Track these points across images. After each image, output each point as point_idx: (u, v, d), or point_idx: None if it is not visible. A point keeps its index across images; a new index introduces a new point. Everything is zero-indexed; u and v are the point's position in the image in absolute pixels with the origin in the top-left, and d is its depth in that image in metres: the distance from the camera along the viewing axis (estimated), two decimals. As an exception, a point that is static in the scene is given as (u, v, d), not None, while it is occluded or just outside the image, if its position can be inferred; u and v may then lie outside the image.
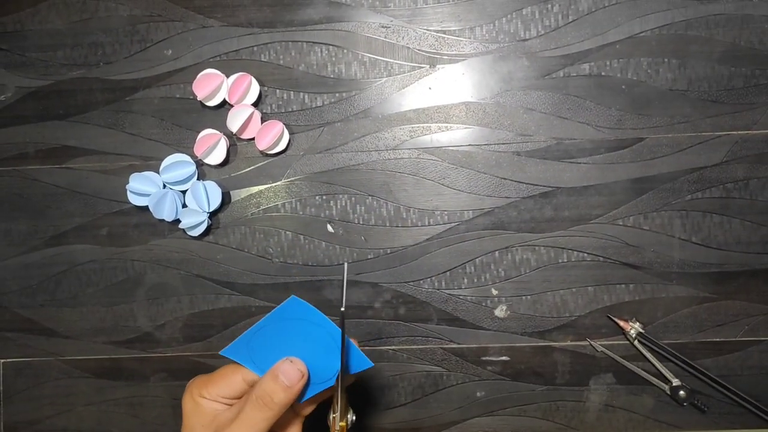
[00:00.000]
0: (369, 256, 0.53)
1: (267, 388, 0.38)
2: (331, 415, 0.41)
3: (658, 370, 0.52)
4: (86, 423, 0.55)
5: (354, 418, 0.42)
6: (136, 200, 0.52)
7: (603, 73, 0.52)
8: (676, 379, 0.51)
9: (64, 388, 0.55)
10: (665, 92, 0.51)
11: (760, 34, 0.51)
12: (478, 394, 0.53)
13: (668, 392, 0.52)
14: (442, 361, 0.53)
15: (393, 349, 0.54)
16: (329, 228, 0.53)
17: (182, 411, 0.41)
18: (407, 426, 0.54)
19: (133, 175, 0.52)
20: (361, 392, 0.54)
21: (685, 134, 0.51)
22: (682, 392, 0.51)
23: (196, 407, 0.40)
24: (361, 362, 0.40)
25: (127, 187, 0.52)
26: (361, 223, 0.53)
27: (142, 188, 0.52)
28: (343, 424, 0.40)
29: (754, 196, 0.51)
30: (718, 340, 0.52)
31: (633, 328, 0.51)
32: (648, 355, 0.51)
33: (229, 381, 0.40)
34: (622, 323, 0.51)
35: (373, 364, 0.40)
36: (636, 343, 0.51)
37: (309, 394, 0.41)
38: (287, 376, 0.38)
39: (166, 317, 0.54)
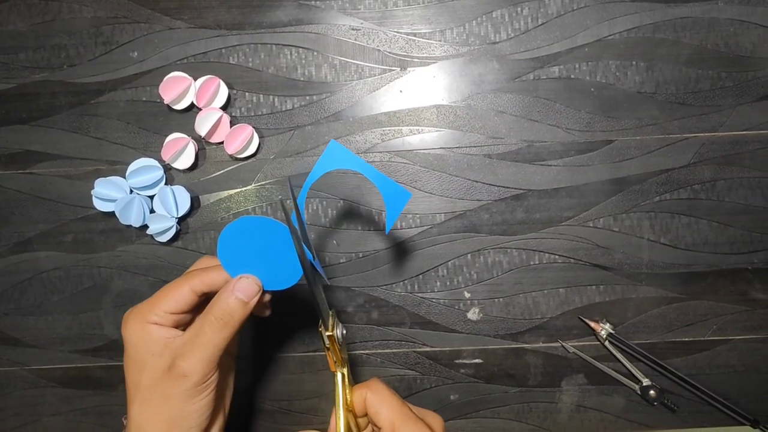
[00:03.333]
0: (341, 260, 0.53)
1: (225, 307, 0.37)
2: (324, 333, 0.39)
3: (628, 370, 0.52)
4: (53, 434, 0.54)
5: (344, 332, 0.40)
6: (101, 206, 0.51)
7: (572, 76, 0.52)
8: (647, 379, 0.52)
9: (30, 398, 0.54)
10: (633, 95, 0.52)
11: (726, 37, 0.52)
12: (452, 397, 0.53)
13: (639, 392, 0.52)
14: (416, 364, 0.53)
15: (366, 354, 0.53)
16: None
17: (124, 343, 0.39)
18: None
19: (98, 180, 0.51)
20: (334, 397, 0.53)
21: (653, 136, 0.52)
22: (652, 392, 0.52)
23: (143, 335, 0.38)
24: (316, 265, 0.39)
25: (93, 192, 0.51)
26: (332, 227, 0.53)
27: (108, 193, 0.51)
28: (330, 333, 0.38)
29: (720, 197, 0.52)
30: (686, 339, 0.53)
31: (603, 329, 0.51)
32: (618, 355, 0.52)
33: (176, 295, 0.38)
34: (592, 324, 0.52)
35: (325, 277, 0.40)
36: (607, 343, 0.52)
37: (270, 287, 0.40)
38: (244, 291, 0.38)
39: (134, 325, 0.53)
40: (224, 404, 0.43)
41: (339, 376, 0.39)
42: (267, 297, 0.42)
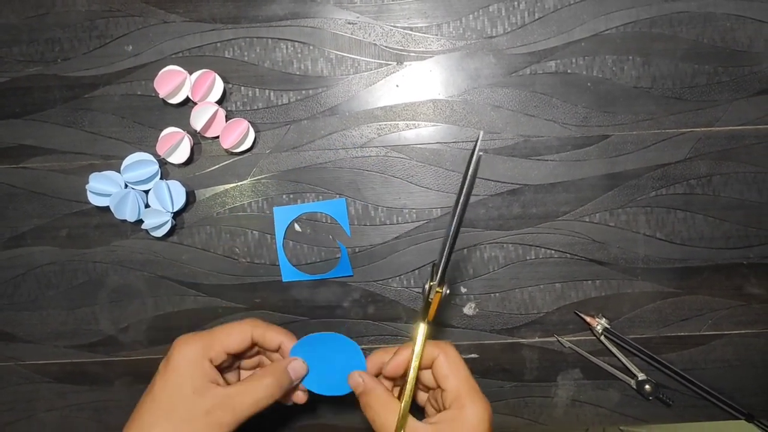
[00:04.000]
0: (337, 255, 0.53)
1: (277, 379, 0.41)
2: (428, 284, 0.41)
3: (624, 364, 0.52)
4: (48, 429, 0.54)
5: (448, 292, 0.43)
6: (96, 200, 0.51)
7: (569, 71, 0.52)
8: (642, 374, 0.52)
9: (25, 393, 0.54)
10: (630, 90, 0.52)
11: (722, 32, 0.52)
12: (448, 391, 0.53)
13: (634, 386, 0.52)
14: (412, 359, 0.53)
15: (362, 349, 0.53)
16: (296, 227, 0.53)
17: (170, 364, 0.40)
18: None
19: (93, 174, 0.51)
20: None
21: (649, 131, 0.52)
22: (647, 386, 0.52)
23: (196, 367, 0.40)
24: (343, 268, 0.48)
25: (87, 187, 0.51)
26: (328, 221, 0.53)
27: (102, 188, 0.50)
28: (440, 290, 0.41)
29: (716, 192, 0.52)
30: (682, 334, 0.53)
31: (599, 323, 0.52)
32: (614, 350, 0.52)
33: (239, 337, 0.42)
34: (588, 319, 0.52)
35: (352, 273, 0.49)
36: (602, 338, 0.52)
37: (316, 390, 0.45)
38: (296, 371, 0.43)
39: (129, 320, 0.53)
40: None
41: (423, 328, 0.41)
42: (304, 397, 0.45)
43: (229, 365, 0.44)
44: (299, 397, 0.45)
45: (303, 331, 0.53)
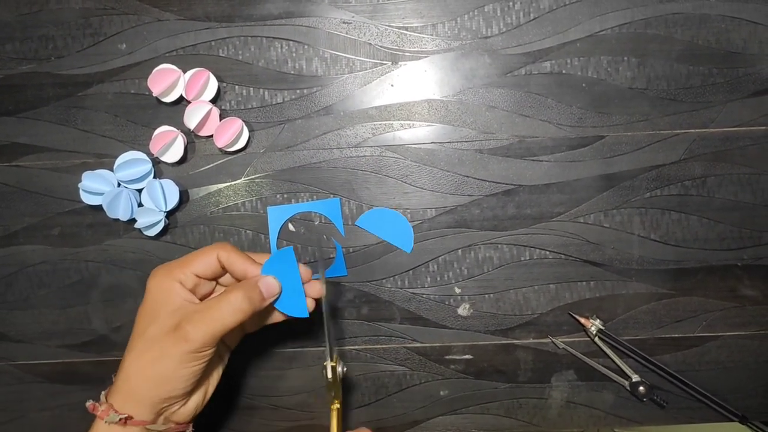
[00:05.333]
0: (331, 255, 0.53)
1: (246, 294, 0.40)
2: (324, 363, 0.44)
3: (618, 366, 0.52)
4: (40, 429, 0.54)
5: (345, 369, 0.45)
6: (89, 199, 0.51)
7: (564, 71, 0.52)
8: (636, 375, 0.52)
9: (17, 393, 0.54)
10: (625, 90, 0.52)
11: (717, 33, 0.52)
12: (442, 392, 0.53)
13: (628, 388, 0.52)
14: (406, 360, 0.53)
15: (356, 349, 0.53)
16: (290, 227, 0.53)
17: (145, 294, 0.42)
18: (371, 426, 0.54)
19: (86, 173, 0.50)
20: (324, 393, 0.53)
21: (644, 132, 0.52)
22: (641, 388, 0.52)
23: (166, 290, 0.41)
24: (338, 268, 0.47)
25: (80, 185, 0.50)
26: (323, 221, 0.53)
27: (95, 187, 0.50)
28: (333, 363, 0.43)
29: (711, 194, 0.52)
30: (676, 335, 0.53)
31: (593, 324, 0.51)
32: (608, 351, 0.52)
33: (205, 259, 0.42)
34: (582, 320, 0.52)
35: (347, 273, 0.50)
36: (596, 339, 0.52)
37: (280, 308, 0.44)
38: (268, 289, 0.42)
39: (122, 319, 0.53)
40: (208, 385, 0.45)
41: (334, 411, 0.45)
42: (279, 317, 0.45)
43: (208, 291, 0.44)
44: (276, 317, 0.45)
45: (297, 329, 0.53)
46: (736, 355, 0.53)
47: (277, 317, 0.45)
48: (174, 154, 0.51)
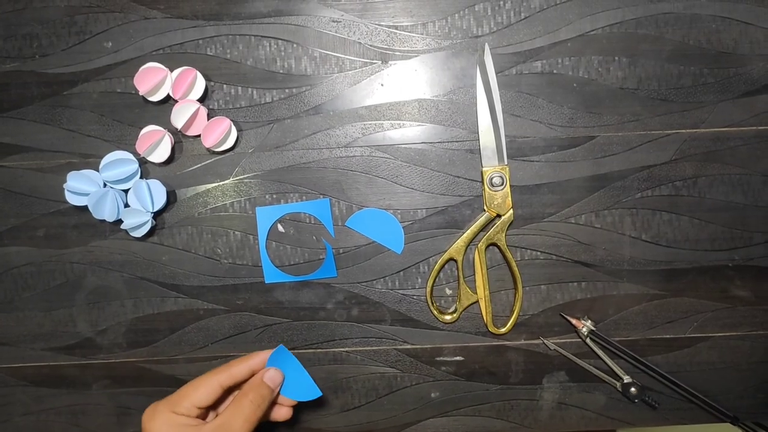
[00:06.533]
0: (321, 257, 0.52)
1: (260, 391, 0.43)
2: None
3: (609, 367, 0.52)
4: (24, 434, 0.53)
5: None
6: (74, 200, 0.50)
7: (555, 71, 0.51)
8: (627, 376, 0.52)
9: (0, 397, 0.53)
10: (615, 90, 0.51)
11: (708, 33, 0.51)
12: (433, 395, 0.53)
13: (620, 389, 0.52)
14: (396, 362, 0.53)
15: (346, 351, 0.53)
16: (279, 228, 0.52)
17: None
18: (361, 428, 0.53)
19: (71, 173, 0.49)
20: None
21: (635, 132, 0.52)
22: (633, 389, 0.51)
23: (171, 426, 0.41)
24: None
25: (65, 186, 0.49)
26: (312, 222, 0.52)
27: (81, 187, 0.49)
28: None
29: (702, 194, 0.52)
30: (667, 336, 0.52)
31: (585, 326, 0.51)
32: (600, 352, 0.52)
33: (207, 389, 0.42)
34: (574, 321, 0.51)
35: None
36: (588, 340, 0.51)
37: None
38: (272, 380, 0.44)
39: (108, 322, 0.52)
40: None
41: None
42: (291, 402, 0.47)
43: (216, 405, 0.45)
44: (284, 413, 0.47)
45: (286, 334, 0.53)
46: (727, 356, 0.53)
47: (285, 414, 0.47)
48: (161, 154, 0.50)
